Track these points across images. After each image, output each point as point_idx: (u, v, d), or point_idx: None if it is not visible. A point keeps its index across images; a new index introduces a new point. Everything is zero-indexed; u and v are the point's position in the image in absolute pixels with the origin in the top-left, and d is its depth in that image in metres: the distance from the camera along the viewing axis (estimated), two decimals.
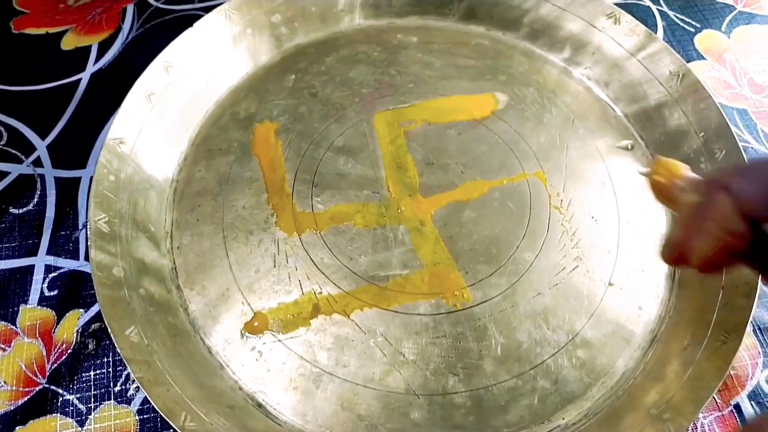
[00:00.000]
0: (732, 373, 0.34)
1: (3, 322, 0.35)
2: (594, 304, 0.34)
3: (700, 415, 0.33)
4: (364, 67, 0.43)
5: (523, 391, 0.32)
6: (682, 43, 0.46)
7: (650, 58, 0.41)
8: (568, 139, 0.40)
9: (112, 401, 0.33)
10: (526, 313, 0.34)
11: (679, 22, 0.47)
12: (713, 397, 0.33)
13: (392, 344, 0.33)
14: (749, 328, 0.35)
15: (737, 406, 0.33)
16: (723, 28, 0.47)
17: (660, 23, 0.47)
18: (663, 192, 0.26)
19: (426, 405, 0.32)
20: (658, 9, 0.48)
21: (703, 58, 0.46)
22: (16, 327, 0.34)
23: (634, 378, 0.33)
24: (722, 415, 0.33)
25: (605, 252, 0.36)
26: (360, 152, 0.39)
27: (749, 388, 0.33)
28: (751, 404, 0.33)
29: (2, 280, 0.36)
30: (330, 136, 0.40)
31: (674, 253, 0.25)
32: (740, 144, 0.36)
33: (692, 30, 0.47)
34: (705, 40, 0.47)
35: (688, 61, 0.45)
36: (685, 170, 0.26)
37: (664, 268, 0.36)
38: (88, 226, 0.33)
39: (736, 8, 0.48)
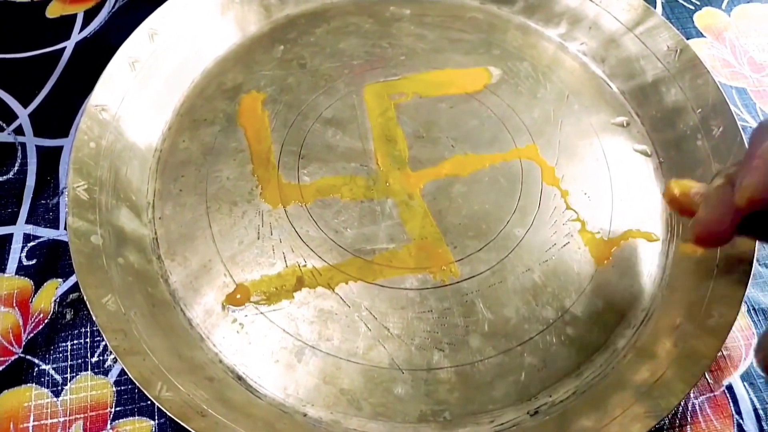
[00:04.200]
0: (725, 353, 0.33)
1: None
2: (585, 281, 0.33)
3: (692, 396, 0.32)
4: (355, 39, 0.42)
5: (509, 368, 0.31)
6: (681, 20, 0.45)
7: (648, 33, 0.40)
8: (562, 115, 0.39)
9: (88, 372, 0.32)
10: (514, 288, 0.33)
11: None
12: (706, 378, 0.32)
13: (377, 318, 0.32)
14: (743, 308, 0.34)
15: (730, 387, 0.32)
16: (723, 6, 0.46)
17: (659, 0, 0.46)
18: (684, 204, 0.29)
19: (410, 380, 0.31)
20: None
21: (703, 35, 0.45)
22: None
23: (624, 356, 0.32)
24: (714, 395, 0.32)
25: (597, 229, 0.35)
26: (348, 124, 0.38)
27: (742, 368, 0.33)
28: (744, 385, 0.32)
29: None
30: (318, 107, 0.39)
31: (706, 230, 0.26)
32: (739, 123, 0.35)
33: (692, 7, 0.46)
34: (705, 17, 0.46)
35: (687, 39, 0.43)
36: (696, 183, 0.29)
37: (657, 245, 0.35)
38: (66, 193, 0.32)
39: None
